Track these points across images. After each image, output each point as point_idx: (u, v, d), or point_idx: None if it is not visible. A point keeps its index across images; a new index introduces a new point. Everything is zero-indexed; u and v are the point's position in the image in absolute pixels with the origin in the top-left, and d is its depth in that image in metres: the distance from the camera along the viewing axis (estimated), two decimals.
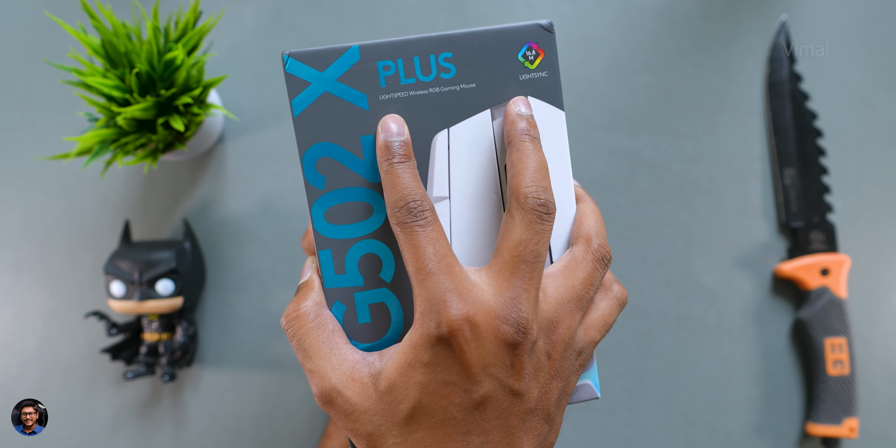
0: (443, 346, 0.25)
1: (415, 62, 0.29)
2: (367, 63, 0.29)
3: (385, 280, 0.29)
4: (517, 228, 0.27)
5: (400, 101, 0.29)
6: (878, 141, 0.53)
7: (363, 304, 0.29)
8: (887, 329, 0.51)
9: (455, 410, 0.26)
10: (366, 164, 0.29)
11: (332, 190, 0.29)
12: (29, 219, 0.53)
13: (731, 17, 0.53)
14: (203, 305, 0.53)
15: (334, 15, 0.54)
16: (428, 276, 0.26)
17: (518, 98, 0.29)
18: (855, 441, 0.51)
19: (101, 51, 0.43)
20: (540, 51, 0.30)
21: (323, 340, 0.28)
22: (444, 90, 0.29)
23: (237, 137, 0.53)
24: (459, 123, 0.30)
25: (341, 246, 0.29)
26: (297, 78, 0.29)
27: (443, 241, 0.26)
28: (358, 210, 0.29)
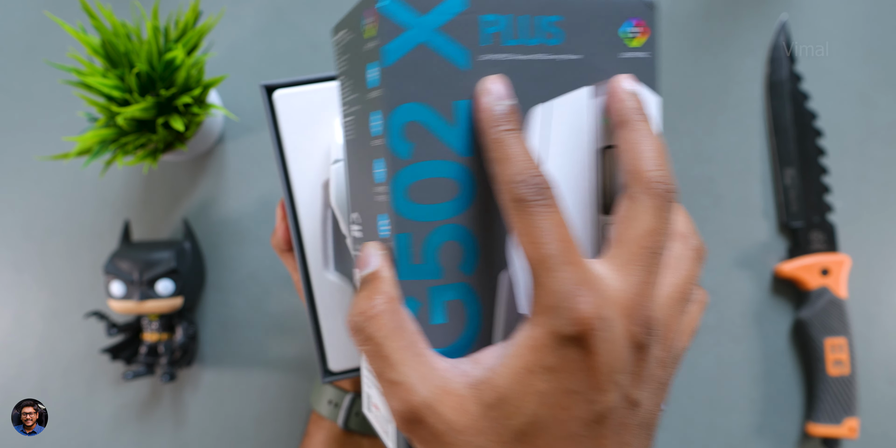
0: (573, 348, 0.21)
1: (522, 21, 0.25)
2: (471, 15, 0.24)
3: (465, 273, 0.25)
4: (644, 216, 0.23)
5: (501, 63, 0.25)
6: (878, 141, 0.52)
7: (439, 301, 0.25)
8: (887, 329, 0.51)
9: (575, 425, 0.22)
10: (458, 133, 0.24)
11: (420, 161, 0.24)
12: (29, 219, 0.53)
13: (731, 17, 0.53)
14: (203, 305, 0.53)
15: (334, 15, 0.54)
16: (554, 265, 0.21)
17: (626, 75, 0.26)
18: (855, 441, 0.51)
19: (101, 51, 0.43)
20: (645, 29, 0.26)
21: (406, 345, 0.23)
22: (548, 59, 0.25)
23: (237, 137, 0.53)
24: (558, 98, 0.26)
25: (421, 229, 0.24)
26: (393, 21, 0.23)
27: (565, 226, 0.22)
28: (444, 188, 0.24)
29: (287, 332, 0.52)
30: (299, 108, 0.35)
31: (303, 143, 0.35)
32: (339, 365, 0.36)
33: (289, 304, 0.53)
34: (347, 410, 0.41)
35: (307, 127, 0.35)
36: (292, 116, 0.35)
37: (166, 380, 0.49)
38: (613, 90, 0.25)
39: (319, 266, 0.35)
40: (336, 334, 0.36)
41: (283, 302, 0.53)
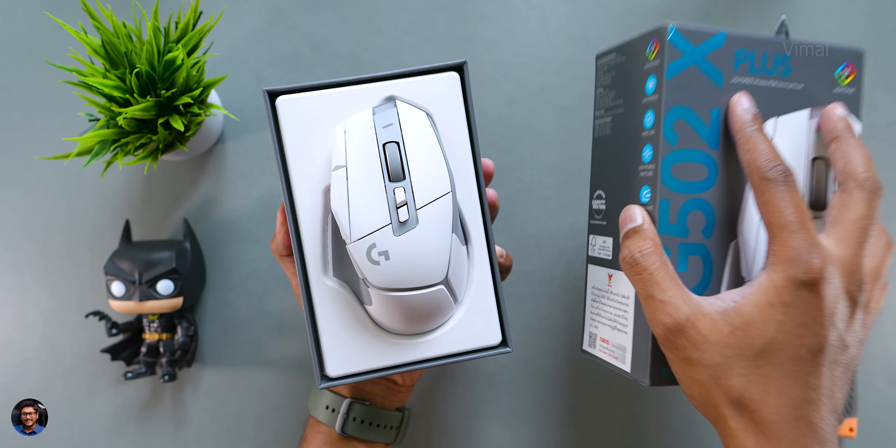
0: (805, 291, 0.29)
1: (764, 57, 0.34)
2: (729, 49, 0.33)
3: (705, 237, 0.34)
4: (858, 205, 0.31)
5: (745, 86, 0.34)
6: (877, 141, 0.53)
7: (685, 255, 0.33)
8: (887, 329, 0.51)
9: (803, 351, 0.29)
10: (711, 132, 0.34)
11: (682, 148, 0.33)
12: (29, 219, 0.53)
13: (731, 17, 0.53)
14: (203, 305, 0.53)
15: (334, 15, 0.54)
16: (793, 229, 0.29)
17: (837, 103, 0.34)
18: (855, 441, 0.51)
19: (102, 51, 0.43)
20: (853, 71, 0.36)
21: (672, 277, 0.31)
22: (779, 86, 0.34)
23: (237, 137, 0.53)
24: (785, 115, 0.35)
25: (678, 199, 0.33)
26: (675, 48, 0.33)
27: (802, 202, 0.30)
28: (697, 170, 0.33)
29: (287, 332, 0.52)
30: (301, 114, 0.35)
31: (304, 148, 0.35)
32: (338, 371, 0.35)
33: (289, 304, 0.53)
34: (345, 415, 0.41)
35: (309, 133, 0.35)
36: (294, 122, 0.35)
37: (166, 380, 0.49)
38: (828, 113, 0.34)
39: (319, 271, 0.35)
40: (335, 339, 0.35)
41: (283, 302, 0.53)
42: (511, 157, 0.53)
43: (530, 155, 0.53)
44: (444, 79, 0.36)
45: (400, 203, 0.33)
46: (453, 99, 0.36)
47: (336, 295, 0.36)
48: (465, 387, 0.52)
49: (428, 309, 0.34)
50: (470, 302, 0.36)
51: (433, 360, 0.36)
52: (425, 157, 0.33)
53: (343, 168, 0.33)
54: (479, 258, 0.36)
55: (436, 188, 0.33)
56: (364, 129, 0.34)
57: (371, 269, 0.33)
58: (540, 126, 0.53)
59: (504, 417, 0.52)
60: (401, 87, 0.35)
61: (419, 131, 0.34)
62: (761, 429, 0.29)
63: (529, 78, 0.53)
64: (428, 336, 0.36)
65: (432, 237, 0.33)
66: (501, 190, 0.53)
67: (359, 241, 0.33)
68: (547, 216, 0.53)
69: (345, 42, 0.54)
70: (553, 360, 0.52)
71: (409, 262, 0.33)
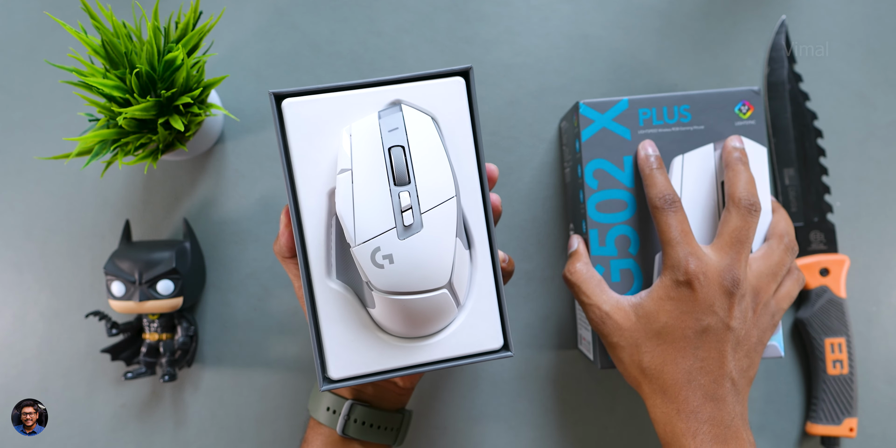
0: (685, 288, 0.39)
1: (664, 111, 0.43)
2: (633, 110, 0.43)
3: (632, 253, 0.43)
4: (734, 219, 0.39)
5: (651, 135, 0.43)
6: (878, 141, 0.53)
7: (616, 269, 0.43)
8: (887, 329, 0.51)
9: (689, 332, 0.38)
10: (625, 175, 0.43)
11: (602, 190, 0.43)
12: (29, 219, 0.53)
13: (731, 17, 0.53)
14: (203, 305, 0.53)
15: (334, 15, 0.54)
16: (677, 244, 0.39)
17: (734, 136, 0.43)
18: (854, 441, 0.51)
19: (102, 51, 0.43)
20: (751, 107, 0.43)
21: (596, 285, 0.42)
22: (682, 130, 0.43)
23: (237, 137, 0.53)
24: (691, 151, 0.44)
25: (604, 227, 0.43)
26: (586, 117, 0.43)
27: (687, 223, 0.40)
28: (618, 205, 0.43)
29: (287, 332, 0.52)
30: (307, 117, 0.35)
31: (309, 151, 0.35)
32: (340, 373, 0.36)
33: (289, 304, 0.53)
34: (346, 417, 0.41)
35: (314, 136, 0.35)
36: (300, 125, 0.35)
37: (166, 380, 0.49)
38: (725, 145, 0.42)
39: (322, 274, 0.36)
40: (337, 342, 0.36)
41: (283, 302, 0.53)
42: (511, 157, 0.53)
43: (530, 155, 0.53)
44: (450, 84, 0.36)
45: (405, 207, 0.33)
46: (458, 104, 0.36)
47: (339, 297, 0.36)
48: (465, 387, 0.52)
49: (431, 312, 0.35)
50: (472, 306, 0.37)
51: (435, 364, 0.36)
52: (430, 161, 0.34)
53: (348, 171, 0.33)
54: (481, 262, 0.37)
55: (440, 192, 0.33)
56: (370, 132, 0.34)
57: (375, 273, 0.33)
58: (540, 126, 0.53)
59: (505, 417, 0.52)
60: (407, 92, 0.36)
61: (424, 135, 0.34)
62: (664, 391, 0.39)
63: (529, 78, 0.53)
64: (430, 339, 0.36)
65: (437, 241, 0.33)
66: (502, 190, 0.53)
67: (363, 245, 0.33)
68: (548, 216, 0.53)
69: (345, 42, 0.53)
70: (553, 360, 0.52)
71: (413, 265, 0.33)
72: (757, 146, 0.43)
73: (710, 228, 0.43)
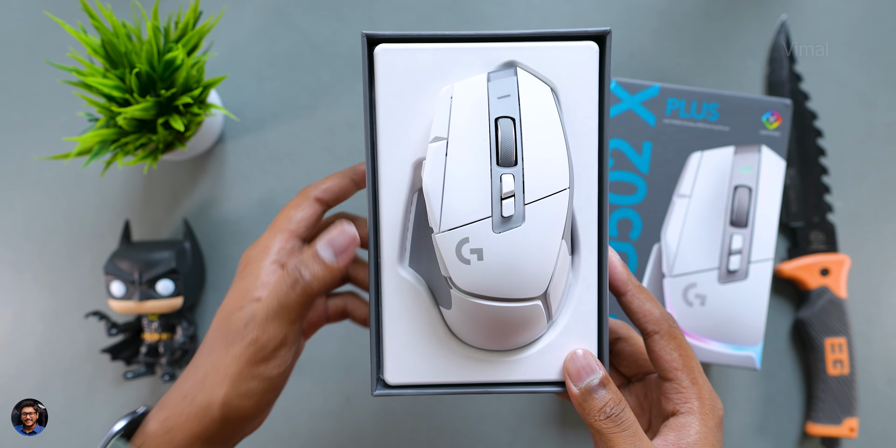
0: (720, 429, 0.31)
1: (693, 105, 0.43)
2: (662, 97, 0.43)
3: (632, 238, 0.43)
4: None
5: (675, 126, 0.43)
6: (878, 141, 0.53)
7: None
8: (887, 329, 0.51)
9: None
10: (642, 160, 0.43)
11: (616, 170, 0.43)
12: (29, 219, 0.53)
13: (731, 17, 0.53)
14: (203, 305, 0.53)
15: (334, 15, 0.54)
16: (703, 377, 0.31)
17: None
18: (855, 441, 0.51)
19: (101, 51, 0.43)
20: (779, 118, 0.44)
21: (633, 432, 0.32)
22: (706, 127, 0.43)
23: (237, 137, 0.53)
24: (710, 150, 0.43)
25: (610, 207, 0.42)
26: (615, 95, 0.43)
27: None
28: (628, 187, 0.43)
29: None
30: (402, 69, 0.29)
31: (399, 111, 0.29)
32: (399, 378, 0.31)
33: None
34: None
35: (407, 93, 0.29)
36: (392, 78, 0.29)
37: (166, 380, 0.49)
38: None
39: (394, 259, 0.30)
40: (400, 341, 0.30)
41: None
42: None
43: None
44: (580, 49, 0.29)
45: (506, 193, 0.27)
46: (586, 75, 0.29)
47: (409, 289, 0.30)
48: None
49: (517, 326, 0.29)
50: (566, 323, 0.31)
51: (510, 386, 0.31)
52: (545, 141, 0.27)
53: (443, 141, 0.28)
54: (585, 272, 0.30)
55: (553, 181, 0.27)
56: (475, 97, 0.28)
57: (459, 268, 0.27)
58: None
59: (505, 417, 0.52)
60: (524, 53, 0.29)
61: (542, 109, 0.28)
62: None
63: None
64: (509, 356, 0.31)
65: (539, 240, 0.27)
66: None
67: (449, 232, 0.27)
68: None
69: (345, 42, 0.53)
70: None
71: (506, 266, 0.27)
72: (777, 159, 0.44)
73: (712, 230, 0.43)
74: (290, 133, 0.53)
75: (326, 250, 0.31)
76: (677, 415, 0.30)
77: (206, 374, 0.32)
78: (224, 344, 0.31)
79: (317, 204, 0.34)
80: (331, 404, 0.52)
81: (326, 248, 0.31)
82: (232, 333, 0.31)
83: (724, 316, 0.44)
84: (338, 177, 0.34)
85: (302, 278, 0.30)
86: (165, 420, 0.32)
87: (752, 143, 0.44)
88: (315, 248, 0.31)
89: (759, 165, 0.44)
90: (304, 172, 0.53)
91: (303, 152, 0.53)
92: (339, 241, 0.31)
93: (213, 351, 0.32)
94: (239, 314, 0.32)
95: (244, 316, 0.31)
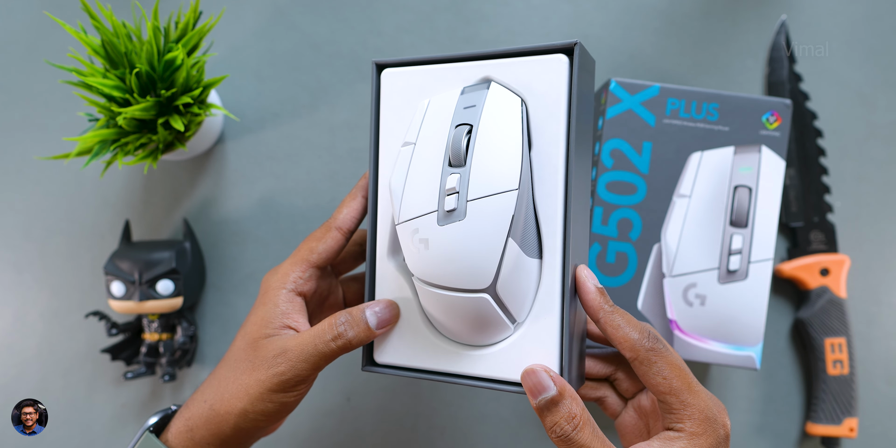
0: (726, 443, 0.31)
1: (692, 105, 0.43)
2: (662, 97, 0.43)
3: (632, 238, 0.43)
4: None
5: (675, 126, 0.43)
6: (878, 141, 0.53)
7: (612, 250, 0.43)
8: (887, 329, 0.51)
9: None
10: (642, 160, 0.43)
11: (616, 170, 0.43)
12: (29, 219, 0.53)
13: (731, 17, 0.53)
14: (203, 305, 0.53)
15: (334, 15, 0.54)
16: (699, 387, 0.31)
17: None
18: (855, 441, 0.51)
19: (101, 51, 0.43)
20: (779, 118, 0.43)
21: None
22: (706, 127, 0.43)
23: (237, 137, 0.53)
24: (710, 150, 0.43)
25: (609, 208, 0.43)
26: (615, 95, 0.43)
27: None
28: (628, 187, 0.43)
29: None
30: (400, 88, 0.34)
31: (395, 124, 0.34)
32: (386, 358, 0.34)
33: None
34: None
35: (402, 108, 0.34)
36: (392, 96, 0.34)
37: (166, 380, 0.49)
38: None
39: (385, 252, 0.34)
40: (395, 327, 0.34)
41: None
42: None
43: None
44: (550, 62, 0.31)
45: (450, 190, 0.30)
46: (555, 86, 0.31)
47: (395, 279, 0.34)
48: (465, 387, 0.52)
49: (471, 318, 0.31)
50: (528, 327, 0.32)
51: (474, 380, 0.33)
52: (498, 146, 0.30)
53: (412, 145, 0.32)
54: (549, 277, 0.31)
55: (498, 182, 0.29)
56: (445, 107, 0.32)
57: (412, 256, 0.31)
58: None
59: (505, 417, 0.52)
60: (502, 68, 0.32)
61: (504, 118, 0.30)
62: None
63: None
64: (477, 351, 0.33)
65: (480, 235, 0.29)
66: None
67: (405, 223, 0.31)
68: None
69: (345, 42, 0.53)
70: None
71: (448, 256, 0.30)
72: (777, 159, 0.43)
73: (711, 230, 0.43)
74: (290, 133, 0.53)
75: (373, 318, 0.34)
76: (669, 430, 0.31)
77: (227, 388, 0.35)
78: (249, 365, 0.34)
79: (339, 234, 0.36)
80: (331, 404, 0.52)
81: (374, 317, 0.34)
82: (259, 359, 0.34)
83: (724, 316, 0.44)
84: (349, 201, 0.36)
85: (345, 336, 0.33)
86: (188, 419, 0.35)
87: (752, 143, 0.44)
88: (364, 312, 0.34)
89: (759, 165, 0.44)
90: (304, 172, 0.53)
91: (303, 152, 0.53)
92: (385, 316, 0.34)
93: (237, 369, 0.35)
94: (269, 343, 0.34)
95: (275, 347, 0.34)
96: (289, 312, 0.35)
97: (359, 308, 0.34)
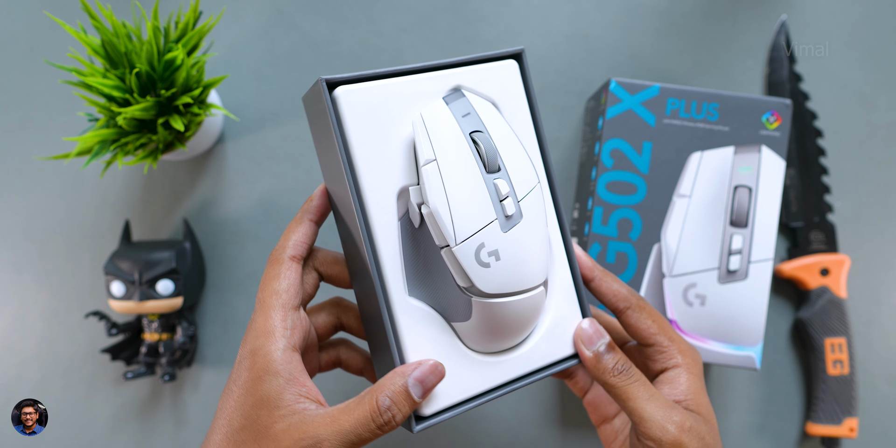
0: None
1: (692, 105, 0.43)
2: (662, 97, 0.43)
3: (632, 238, 0.43)
4: None
5: (675, 126, 0.43)
6: (878, 141, 0.53)
7: (612, 250, 0.43)
8: (887, 329, 0.51)
9: None
10: (642, 160, 0.43)
11: (616, 170, 0.44)
12: (29, 219, 0.53)
13: (731, 17, 0.53)
14: (203, 305, 0.53)
15: (334, 15, 0.54)
16: (677, 334, 0.35)
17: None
18: (855, 441, 0.51)
19: (101, 51, 0.43)
20: (779, 118, 0.43)
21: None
22: (706, 127, 0.43)
23: (237, 137, 0.53)
24: (710, 150, 0.43)
25: (609, 208, 0.43)
26: (615, 95, 0.44)
27: None
28: (628, 187, 0.43)
29: None
30: (366, 106, 0.30)
31: (374, 142, 0.30)
32: (432, 408, 0.30)
33: None
34: None
35: (375, 127, 0.30)
36: (359, 116, 0.30)
37: (166, 380, 0.49)
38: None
39: (401, 291, 0.30)
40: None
41: None
42: None
43: None
44: (503, 67, 0.33)
45: (503, 195, 0.29)
46: (514, 88, 0.33)
47: (425, 317, 0.31)
48: None
49: (529, 316, 0.31)
50: (555, 306, 0.34)
51: (529, 377, 0.33)
52: (510, 146, 0.31)
53: (434, 162, 0.29)
54: (557, 257, 0.34)
55: (529, 179, 0.31)
56: (445, 118, 0.30)
57: (480, 274, 0.29)
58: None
59: (505, 417, 0.52)
60: (461, 77, 0.32)
61: (496, 121, 0.31)
62: None
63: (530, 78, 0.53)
64: (521, 349, 0.33)
65: (536, 231, 0.30)
66: None
67: (465, 242, 0.29)
68: None
69: (345, 42, 0.53)
70: None
71: (518, 260, 0.30)
72: (777, 159, 0.44)
73: (711, 230, 0.43)
74: (290, 133, 0.53)
75: (417, 388, 0.29)
76: (665, 371, 0.35)
77: None
78: (264, 442, 0.29)
79: (293, 264, 0.32)
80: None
81: (418, 386, 0.29)
82: (278, 442, 0.29)
83: (724, 316, 0.44)
84: (296, 225, 0.33)
85: (394, 420, 0.29)
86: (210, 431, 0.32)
87: (752, 143, 0.44)
88: (407, 384, 0.29)
89: (759, 165, 0.44)
90: (304, 172, 0.53)
91: (303, 152, 0.53)
92: (431, 381, 0.30)
93: (246, 443, 0.29)
94: (290, 430, 0.29)
95: (300, 435, 0.29)
96: (294, 377, 0.30)
97: (399, 385, 0.29)
